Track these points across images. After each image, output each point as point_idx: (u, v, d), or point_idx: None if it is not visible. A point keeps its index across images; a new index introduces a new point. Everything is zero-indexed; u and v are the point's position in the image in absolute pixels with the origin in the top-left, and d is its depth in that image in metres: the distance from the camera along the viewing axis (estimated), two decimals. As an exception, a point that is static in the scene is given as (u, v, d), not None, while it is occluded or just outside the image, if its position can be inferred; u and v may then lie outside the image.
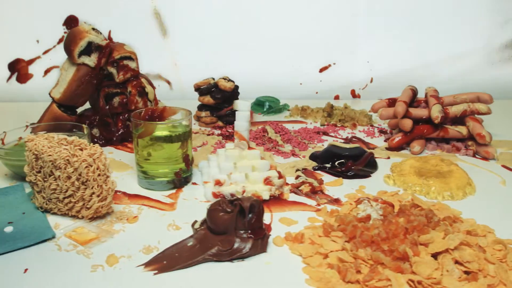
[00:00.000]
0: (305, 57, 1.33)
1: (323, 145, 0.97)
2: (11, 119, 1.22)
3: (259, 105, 1.20)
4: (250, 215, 0.59)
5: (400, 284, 0.51)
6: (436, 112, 0.91)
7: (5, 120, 1.21)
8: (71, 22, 1.30)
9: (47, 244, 0.61)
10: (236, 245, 0.57)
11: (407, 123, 0.92)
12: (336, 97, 1.34)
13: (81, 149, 0.64)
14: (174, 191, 0.76)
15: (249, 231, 0.59)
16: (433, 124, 0.94)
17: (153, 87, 1.00)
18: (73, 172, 0.64)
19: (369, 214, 0.61)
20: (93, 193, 0.64)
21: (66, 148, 0.64)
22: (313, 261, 0.57)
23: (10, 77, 1.33)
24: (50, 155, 0.64)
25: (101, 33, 0.92)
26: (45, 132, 0.88)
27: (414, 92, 1.02)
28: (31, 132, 0.89)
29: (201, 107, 1.12)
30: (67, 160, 0.64)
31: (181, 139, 0.74)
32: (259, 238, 0.59)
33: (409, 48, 1.31)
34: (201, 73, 1.25)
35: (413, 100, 1.02)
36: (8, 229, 0.63)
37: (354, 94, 1.35)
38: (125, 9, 1.30)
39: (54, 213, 0.68)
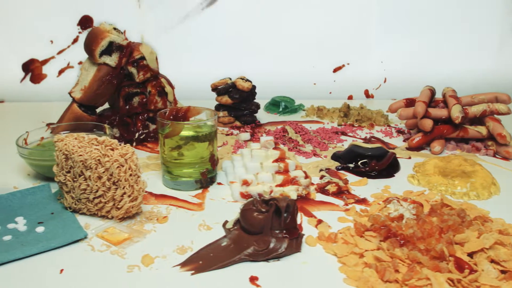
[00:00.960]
0: (319, 57, 1.33)
1: (342, 145, 0.97)
2: (26, 119, 1.21)
3: (274, 105, 1.20)
4: (285, 215, 0.59)
5: (439, 283, 0.51)
6: (456, 112, 0.91)
7: (21, 120, 1.21)
8: (86, 22, 1.30)
9: (80, 245, 0.61)
10: (272, 245, 0.57)
11: (428, 123, 0.93)
12: (350, 97, 1.34)
13: (112, 149, 0.64)
14: (200, 191, 0.76)
15: (284, 231, 0.59)
16: (453, 124, 0.94)
17: (172, 87, 1.00)
18: (104, 172, 0.64)
19: (401, 213, 0.62)
20: (125, 193, 0.64)
21: (97, 148, 0.64)
22: (349, 261, 0.57)
23: (24, 78, 1.33)
24: (80, 155, 0.64)
25: (122, 32, 0.92)
26: (68, 132, 0.88)
27: (433, 92, 1.02)
28: (51, 132, 0.89)
29: (218, 107, 1.11)
30: (98, 160, 0.64)
31: (208, 139, 0.75)
32: (294, 238, 0.59)
33: (422, 49, 1.32)
34: (215, 73, 1.28)
35: (431, 100, 1.03)
36: (40, 229, 0.63)
37: (367, 94, 1.35)
38: (137, 9, 1.31)
39: (83, 213, 0.68)
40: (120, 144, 0.64)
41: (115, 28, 0.91)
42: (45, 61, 1.32)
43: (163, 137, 0.74)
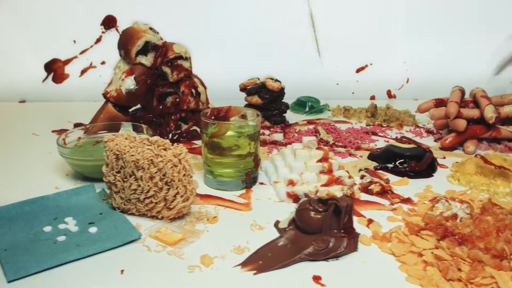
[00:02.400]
0: (342, 57, 1.33)
1: (375, 145, 0.98)
2: (48, 119, 1.21)
3: (300, 105, 1.21)
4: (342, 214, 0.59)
5: (505, 281, 0.52)
6: (490, 113, 0.92)
7: (43, 120, 1.20)
8: (109, 22, 1.29)
9: (135, 245, 0.60)
10: (331, 244, 0.58)
11: (462, 123, 0.93)
12: (372, 97, 1.35)
13: (165, 149, 0.64)
14: (244, 191, 0.76)
15: (342, 231, 0.59)
16: (485, 124, 0.95)
17: (205, 87, 1.00)
18: (156, 172, 0.63)
19: (455, 213, 0.62)
20: (177, 193, 0.64)
21: (149, 148, 0.64)
22: (408, 260, 0.57)
23: (46, 78, 1.32)
24: (132, 155, 0.64)
25: (157, 32, 0.92)
26: (105, 131, 0.88)
27: (463, 92, 1.03)
28: (84, 132, 0.89)
29: (247, 107, 1.11)
30: (151, 160, 0.63)
31: (253, 139, 0.75)
32: (352, 237, 0.60)
33: (445, 49, 1.33)
34: (237, 72, 1.28)
35: (461, 101, 1.03)
36: (93, 229, 0.62)
37: (390, 95, 1.36)
38: (163, 8, 1.30)
39: (131, 214, 0.68)
40: (177, 144, 0.64)
41: (151, 28, 0.90)
42: (67, 61, 1.31)
43: (209, 137, 0.74)
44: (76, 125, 1.10)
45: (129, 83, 0.87)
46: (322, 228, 0.59)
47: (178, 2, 1.30)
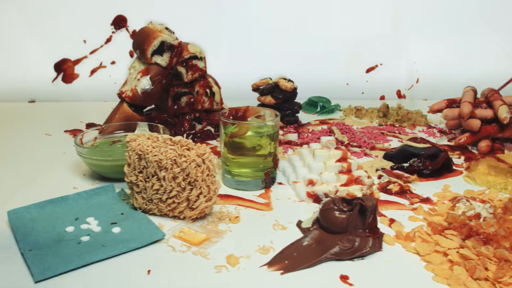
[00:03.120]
0: (352, 57, 1.34)
1: (389, 144, 0.98)
2: (58, 119, 1.20)
3: (311, 105, 1.21)
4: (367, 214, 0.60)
5: (532, 280, 0.52)
6: (504, 113, 0.92)
7: (53, 120, 1.19)
8: (119, 22, 1.29)
9: (159, 245, 0.60)
10: (356, 244, 0.58)
11: (476, 123, 0.93)
12: (382, 97, 1.35)
13: (189, 149, 0.64)
14: (263, 191, 0.76)
15: (367, 230, 0.60)
16: (499, 124, 0.95)
17: (219, 87, 1.00)
18: (179, 172, 0.63)
19: (478, 212, 0.62)
20: (201, 193, 0.64)
21: (172, 148, 0.64)
22: (433, 259, 0.57)
23: (56, 78, 1.32)
24: (155, 155, 0.64)
25: (173, 32, 0.92)
26: (122, 131, 0.88)
27: (475, 92, 1.03)
28: (99, 133, 0.88)
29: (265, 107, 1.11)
30: (174, 160, 0.63)
31: (273, 139, 0.75)
32: (376, 237, 0.60)
33: (455, 49, 1.33)
34: (248, 72, 1.28)
35: (474, 101, 1.03)
36: (116, 229, 0.62)
37: (399, 95, 1.36)
38: (174, 8, 1.30)
39: (153, 214, 0.68)
40: (200, 144, 0.64)
41: (166, 28, 0.90)
42: (77, 61, 1.31)
43: (228, 137, 0.74)
44: (89, 125, 1.10)
45: (145, 83, 0.87)
46: (348, 227, 0.59)
47: (189, 2, 1.30)
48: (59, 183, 0.79)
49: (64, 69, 1.31)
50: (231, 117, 0.78)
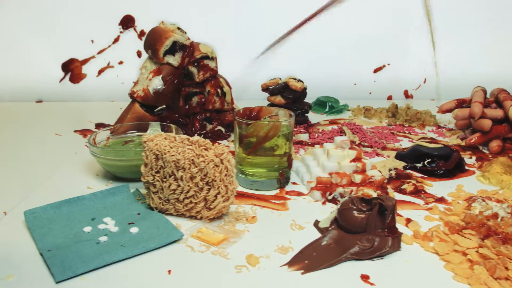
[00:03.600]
0: (360, 57, 1.34)
1: (400, 145, 0.98)
2: (66, 119, 1.20)
3: (320, 105, 1.21)
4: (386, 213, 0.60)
5: (553, 280, 0.52)
6: (515, 113, 0.93)
7: (60, 119, 1.19)
8: (127, 22, 1.29)
9: (177, 245, 0.60)
10: (376, 244, 0.58)
11: (487, 124, 0.94)
12: (389, 98, 1.36)
13: (206, 149, 0.64)
14: (278, 191, 0.76)
15: (386, 230, 0.60)
16: (510, 124, 0.96)
17: (230, 87, 1.00)
18: (197, 172, 0.63)
19: (496, 212, 0.63)
20: (219, 193, 0.64)
21: (190, 148, 0.64)
22: (453, 259, 0.57)
23: (63, 78, 1.32)
24: (173, 155, 0.64)
25: (185, 32, 0.92)
26: (135, 131, 0.88)
27: (485, 92, 1.04)
28: (111, 133, 0.88)
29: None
30: (192, 160, 0.63)
31: (288, 139, 0.75)
32: (395, 237, 0.60)
33: (463, 49, 1.33)
34: (257, 72, 1.28)
35: (484, 101, 1.04)
36: (134, 230, 0.62)
37: (407, 95, 1.37)
38: (182, 8, 1.30)
39: (169, 214, 0.68)
40: (218, 144, 0.64)
41: (178, 28, 0.90)
42: (85, 61, 1.31)
43: (244, 137, 0.73)
44: (98, 125, 1.10)
45: (157, 83, 0.87)
46: (367, 227, 0.59)
47: (197, 2, 1.30)
48: (73, 183, 0.79)
49: (72, 69, 1.31)
50: (245, 117, 0.79)
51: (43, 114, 1.24)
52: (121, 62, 1.32)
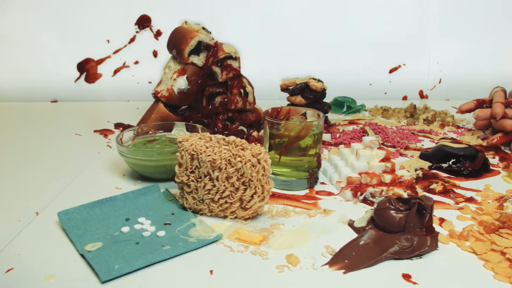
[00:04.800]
0: (375, 58, 1.34)
1: (422, 145, 0.98)
2: (86, 119, 1.20)
3: (337, 105, 1.21)
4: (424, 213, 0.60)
5: None
6: (536, 113, 0.94)
7: (81, 119, 1.19)
8: (143, 22, 1.28)
9: (216, 246, 0.60)
10: (415, 243, 0.58)
11: (509, 124, 0.94)
12: (404, 98, 1.36)
13: (243, 149, 0.64)
14: (307, 190, 0.77)
15: (424, 229, 0.60)
16: (531, 124, 0.97)
17: (252, 87, 1.00)
18: (233, 172, 0.64)
19: (530, 211, 0.63)
20: (255, 193, 0.64)
21: (227, 148, 0.64)
22: (491, 258, 0.58)
23: (78, 77, 1.31)
24: (209, 155, 0.64)
25: (210, 32, 0.92)
26: (161, 131, 0.87)
27: (505, 92, 1.04)
28: (134, 134, 0.88)
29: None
30: (229, 160, 0.64)
31: (318, 139, 0.75)
32: (433, 236, 0.60)
33: (479, 49, 1.34)
34: (271, 72, 1.28)
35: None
36: (171, 230, 0.62)
37: (422, 95, 1.37)
38: (198, 8, 1.30)
39: (203, 214, 0.68)
40: (254, 144, 0.64)
41: (203, 28, 0.90)
42: (100, 61, 1.30)
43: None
44: (117, 125, 1.09)
45: (181, 83, 0.87)
46: (406, 226, 0.59)
47: (213, 2, 1.30)
48: (100, 184, 0.79)
49: (87, 69, 1.30)
50: (273, 117, 0.79)
51: (59, 114, 1.24)
52: (136, 62, 1.32)
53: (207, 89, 0.94)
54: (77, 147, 0.98)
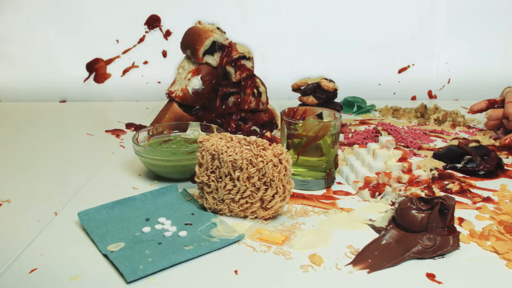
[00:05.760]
0: (384, 58, 1.34)
1: (435, 145, 0.99)
2: (96, 119, 1.20)
3: (348, 105, 1.21)
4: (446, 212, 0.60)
5: None
6: (549, 113, 0.94)
7: (91, 119, 1.19)
8: (153, 21, 1.28)
9: (238, 246, 0.60)
10: (438, 243, 0.59)
11: (522, 124, 0.95)
12: (413, 98, 1.36)
13: (265, 149, 0.64)
14: (325, 190, 0.77)
15: (446, 229, 0.60)
16: (543, 124, 0.97)
17: (265, 87, 1.00)
18: (255, 172, 0.64)
19: (550, 211, 0.64)
20: (276, 193, 0.64)
21: (248, 148, 0.64)
22: (513, 257, 0.59)
23: (88, 77, 1.31)
24: (230, 155, 0.64)
25: (224, 32, 0.92)
26: (176, 131, 0.88)
27: (516, 92, 1.05)
28: (148, 134, 0.88)
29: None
30: (250, 160, 0.64)
31: (336, 139, 0.75)
32: (455, 235, 0.60)
33: (487, 50, 1.34)
34: (281, 72, 1.28)
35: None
36: (193, 230, 0.62)
37: (430, 95, 1.38)
38: (208, 8, 1.30)
39: (222, 214, 0.68)
40: (275, 144, 0.64)
41: (218, 28, 0.90)
42: (109, 61, 1.30)
43: (293, 137, 0.73)
44: (128, 125, 1.09)
45: (196, 83, 0.87)
46: (428, 226, 0.60)
47: (223, 2, 1.30)
48: (117, 184, 0.79)
49: (96, 69, 1.30)
50: (290, 117, 0.79)
51: (69, 114, 1.24)
52: (146, 62, 1.32)
53: (221, 89, 0.94)
54: (90, 147, 0.98)
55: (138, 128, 1.07)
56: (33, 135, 1.05)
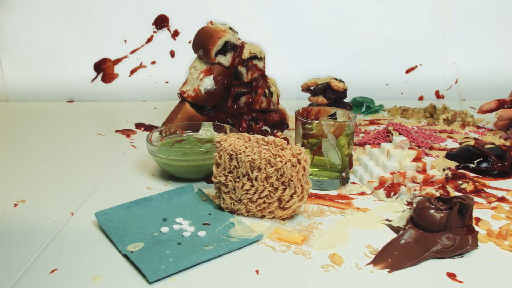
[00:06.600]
0: (392, 58, 1.35)
1: (446, 144, 0.99)
2: (105, 119, 1.20)
3: (356, 105, 1.21)
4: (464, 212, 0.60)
5: None
6: (560, 113, 0.95)
7: (99, 119, 1.19)
8: (161, 21, 1.28)
9: (258, 246, 0.60)
10: (457, 242, 0.59)
11: (533, 123, 0.96)
12: (421, 98, 1.37)
13: (283, 149, 0.64)
14: (339, 190, 0.77)
15: (465, 228, 0.60)
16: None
17: (276, 88, 1.00)
18: (273, 172, 0.64)
19: None
20: (294, 193, 0.64)
21: (266, 148, 0.64)
22: (533, 257, 0.59)
23: (95, 77, 1.31)
24: (248, 155, 0.64)
25: (237, 32, 0.92)
26: (190, 131, 0.88)
27: (526, 92, 1.05)
28: (160, 134, 0.87)
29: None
30: (268, 160, 0.64)
31: (351, 139, 0.76)
32: (474, 235, 0.61)
33: (495, 50, 1.34)
34: (288, 72, 1.28)
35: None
36: (212, 230, 0.62)
37: (438, 95, 1.38)
38: (216, 8, 1.29)
39: (239, 214, 0.68)
40: (294, 144, 0.64)
41: (230, 28, 0.90)
42: (117, 61, 1.30)
43: (308, 137, 0.73)
44: (138, 125, 1.09)
45: (208, 83, 0.86)
46: (447, 226, 0.60)
47: (231, 3, 1.30)
48: (131, 184, 0.79)
49: (104, 69, 1.30)
50: (304, 117, 0.79)
51: (78, 114, 1.23)
52: (153, 62, 1.32)
53: (233, 89, 0.94)
54: (101, 148, 0.98)
55: (148, 128, 1.07)
56: (44, 136, 1.05)
